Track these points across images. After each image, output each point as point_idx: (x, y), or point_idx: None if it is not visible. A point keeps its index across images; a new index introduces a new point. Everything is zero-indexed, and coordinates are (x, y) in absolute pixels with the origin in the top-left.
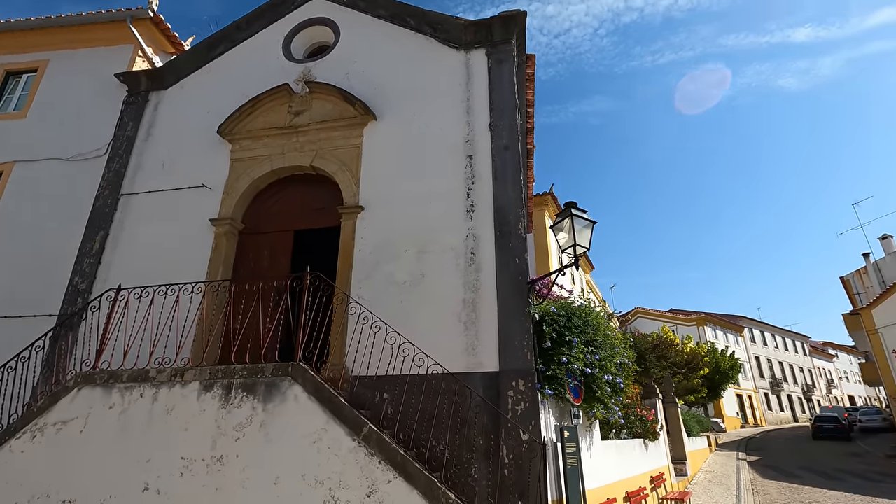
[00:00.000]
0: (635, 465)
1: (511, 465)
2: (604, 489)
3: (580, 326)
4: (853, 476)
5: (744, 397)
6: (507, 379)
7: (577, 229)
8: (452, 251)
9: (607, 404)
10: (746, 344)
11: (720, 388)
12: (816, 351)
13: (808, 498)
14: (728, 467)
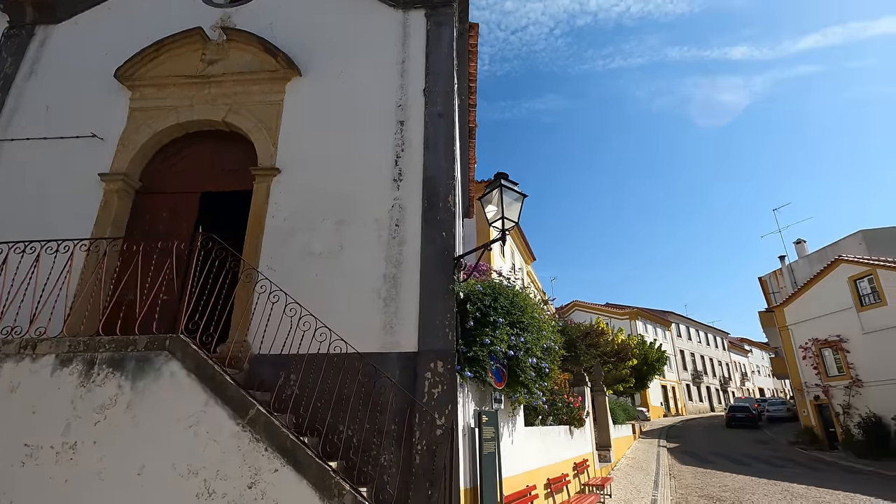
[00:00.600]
0: (559, 452)
1: (423, 451)
2: (524, 476)
3: (506, 307)
4: (759, 461)
5: (668, 388)
6: (425, 360)
7: (507, 202)
8: (376, 222)
9: (531, 389)
10: (673, 338)
11: (647, 378)
12: (734, 346)
13: (719, 482)
14: (649, 454)
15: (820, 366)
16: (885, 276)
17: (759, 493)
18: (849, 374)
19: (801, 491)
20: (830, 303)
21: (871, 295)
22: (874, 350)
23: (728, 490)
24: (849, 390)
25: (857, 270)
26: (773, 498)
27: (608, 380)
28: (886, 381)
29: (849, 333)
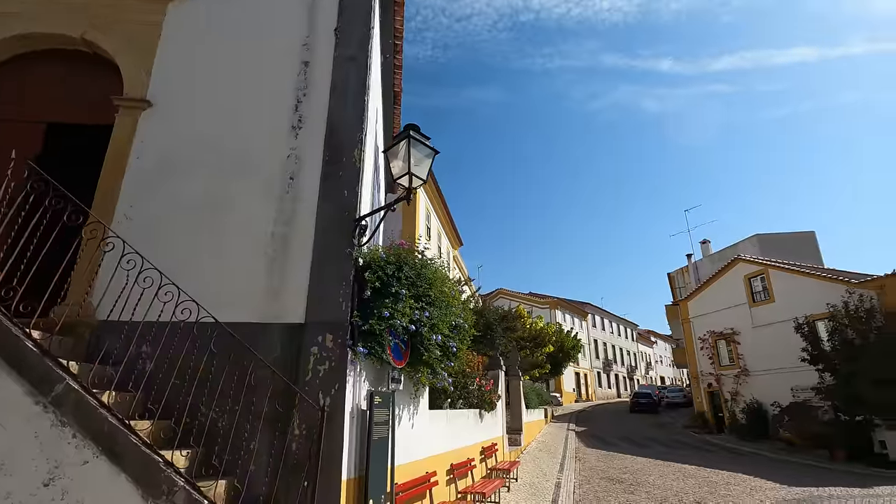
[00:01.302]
0: (467, 436)
1: (302, 437)
2: (426, 462)
3: (411, 278)
4: (658, 444)
5: (581, 375)
6: (313, 332)
7: (416, 157)
8: (266, 173)
9: (436, 369)
10: (589, 328)
11: (562, 365)
12: (642, 337)
13: (620, 464)
14: (559, 437)
15: (714, 356)
16: (775, 275)
17: (656, 474)
18: (738, 364)
19: (692, 471)
20: (727, 298)
21: (762, 292)
22: (761, 342)
23: (628, 471)
24: (737, 379)
25: (752, 269)
26: (668, 478)
27: (525, 365)
28: (769, 370)
29: (741, 327)
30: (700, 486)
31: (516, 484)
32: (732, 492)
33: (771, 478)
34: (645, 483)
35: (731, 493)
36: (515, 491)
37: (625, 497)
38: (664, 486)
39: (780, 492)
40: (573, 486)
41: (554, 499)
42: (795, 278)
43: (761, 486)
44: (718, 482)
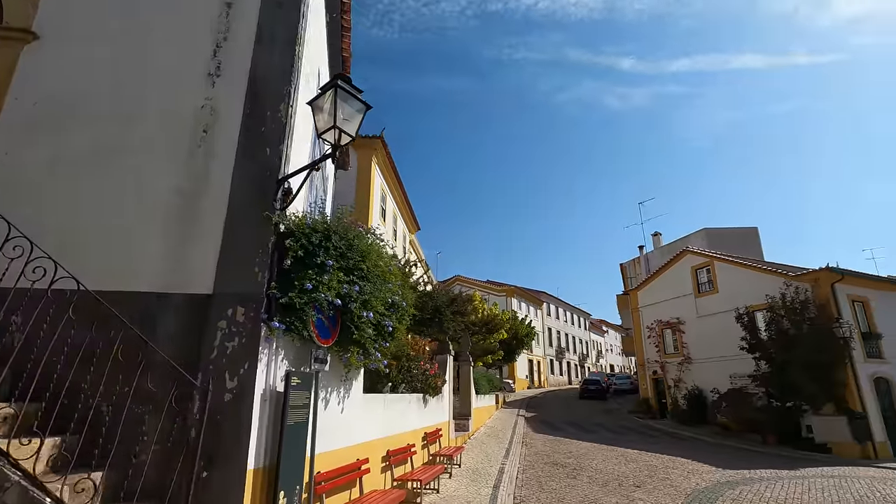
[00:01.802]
0: (408, 421)
1: (203, 421)
2: (358, 448)
3: (340, 248)
4: (603, 429)
5: (534, 362)
6: (222, 304)
7: (343, 110)
8: (175, 124)
9: (368, 349)
10: (543, 316)
11: (516, 352)
12: (594, 326)
13: (566, 449)
14: (508, 423)
15: (660, 344)
16: (720, 267)
17: (599, 458)
18: (682, 353)
19: (634, 455)
20: (675, 289)
21: (707, 283)
22: (704, 332)
23: (572, 456)
24: (681, 366)
25: (699, 261)
26: (610, 462)
27: (477, 351)
28: (710, 359)
29: (686, 316)
30: (641, 470)
31: (459, 470)
32: (671, 475)
33: (708, 461)
34: (588, 467)
35: (669, 477)
36: (458, 477)
37: (567, 481)
38: (606, 471)
39: (716, 475)
40: (517, 470)
41: (496, 484)
42: (738, 270)
43: (698, 470)
44: (658, 466)
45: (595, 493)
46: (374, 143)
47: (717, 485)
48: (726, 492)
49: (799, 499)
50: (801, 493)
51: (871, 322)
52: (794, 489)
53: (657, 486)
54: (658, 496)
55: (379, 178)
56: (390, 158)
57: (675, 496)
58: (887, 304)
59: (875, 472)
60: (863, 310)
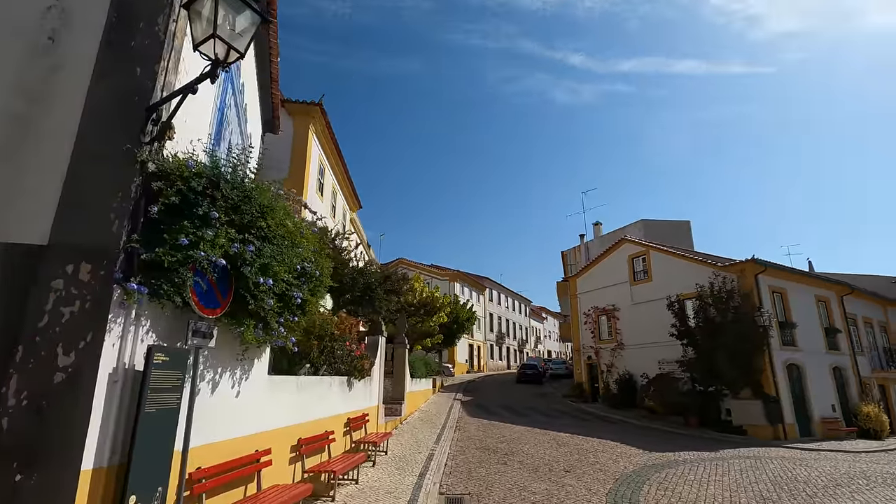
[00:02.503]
0: (329, 407)
1: (22, 408)
2: (260, 437)
3: (233, 199)
4: (537, 413)
5: (475, 347)
6: (58, 258)
7: (229, 16)
8: (9, 28)
9: (270, 323)
10: (486, 302)
11: (456, 336)
12: (534, 313)
13: (499, 433)
14: (444, 407)
15: (596, 330)
16: (655, 256)
17: (532, 443)
18: (616, 339)
19: (566, 439)
20: (612, 276)
21: (642, 272)
22: (637, 319)
23: (505, 441)
24: (614, 352)
25: (636, 250)
26: (542, 446)
27: (415, 334)
28: (642, 345)
29: (621, 303)
30: (571, 454)
31: (385, 457)
32: (600, 459)
33: (635, 444)
34: (519, 452)
35: (599, 461)
36: (382, 465)
37: (497, 468)
38: (537, 455)
39: (643, 457)
40: (446, 457)
41: (422, 472)
42: (672, 260)
43: (627, 453)
44: (588, 449)
45: (525, 480)
46: (313, 111)
47: (644, 468)
48: (652, 475)
49: (720, 480)
50: (721, 475)
51: (788, 312)
52: (716, 471)
53: (587, 470)
54: (587, 481)
55: (317, 150)
56: (330, 129)
57: (603, 481)
58: (801, 296)
59: (785, 452)
60: (781, 300)
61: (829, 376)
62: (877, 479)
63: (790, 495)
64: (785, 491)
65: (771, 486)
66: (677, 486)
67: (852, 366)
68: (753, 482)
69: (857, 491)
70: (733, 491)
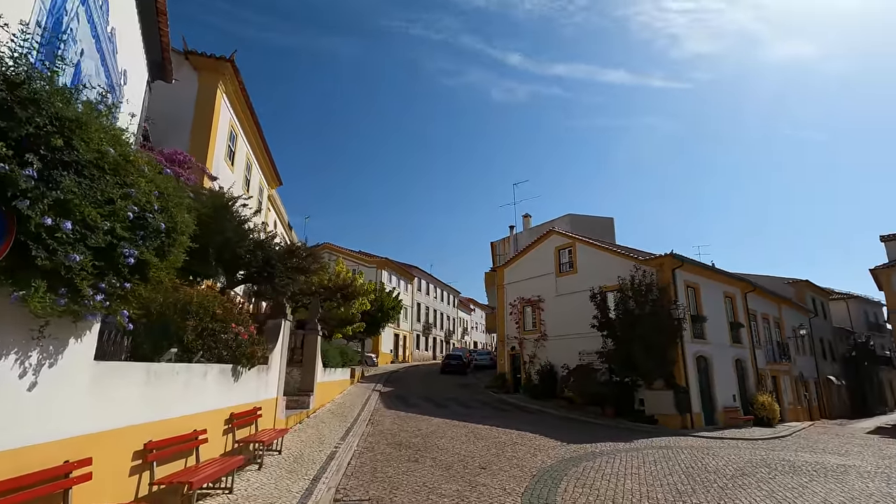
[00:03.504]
0: (199, 401)
1: None
2: (70, 444)
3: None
4: (458, 404)
5: (400, 336)
6: None
7: None
8: None
9: (79, 287)
10: (414, 291)
11: (381, 325)
12: (462, 304)
13: (415, 426)
14: (360, 399)
15: (521, 321)
16: (581, 248)
17: (448, 436)
18: (540, 329)
19: (484, 432)
20: (539, 268)
21: (568, 263)
22: (561, 310)
23: (420, 434)
24: (537, 343)
25: (563, 242)
26: (459, 440)
27: (333, 320)
28: (564, 336)
29: (546, 294)
30: (489, 449)
31: (277, 458)
32: (518, 452)
33: (553, 435)
34: (434, 447)
35: (516, 455)
36: (272, 467)
37: (407, 466)
38: (453, 451)
39: (561, 450)
40: (352, 455)
41: (317, 475)
42: (597, 252)
43: (545, 445)
44: (507, 442)
45: (435, 480)
46: (223, 67)
47: (561, 461)
48: (570, 469)
49: (636, 473)
50: (637, 467)
51: (700, 306)
52: (631, 462)
53: (503, 466)
54: (503, 479)
55: (228, 112)
56: (244, 92)
57: (520, 478)
58: (711, 291)
59: (693, 441)
60: (694, 295)
61: (732, 368)
62: (776, 466)
63: (703, 487)
64: (698, 483)
65: (685, 478)
66: (595, 481)
67: (751, 358)
68: (668, 474)
69: (762, 480)
70: (649, 485)
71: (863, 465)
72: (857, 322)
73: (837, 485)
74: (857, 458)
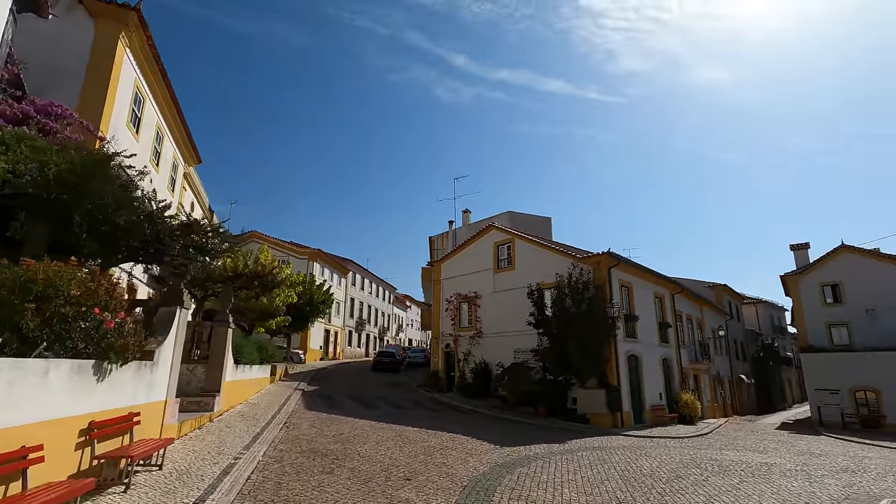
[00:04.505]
0: (35, 408)
1: None
2: None
3: None
4: (387, 404)
5: (332, 332)
6: None
7: None
8: None
9: None
10: (348, 285)
11: (310, 319)
12: (398, 300)
13: (337, 429)
14: (278, 399)
15: (456, 318)
16: (520, 245)
17: (373, 441)
18: (475, 326)
19: (412, 435)
20: (477, 263)
21: (506, 259)
22: (498, 307)
23: (341, 440)
24: (472, 340)
25: (502, 238)
26: (384, 445)
27: (255, 313)
28: (500, 333)
29: (483, 291)
30: (417, 455)
31: (156, 475)
32: (448, 459)
33: (486, 438)
34: (355, 455)
35: (446, 461)
36: (144, 488)
37: (320, 478)
38: (376, 458)
39: (494, 454)
40: (253, 467)
41: (203, 496)
42: (536, 249)
43: (477, 449)
44: (436, 447)
45: (352, 495)
46: (126, 17)
47: (495, 468)
48: (504, 478)
49: (573, 480)
50: (573, 472)
51: (633, 306)
52: (567, 467)
53: (431, 476)
54: (430, 492)
55: (132, 71)
56: (154, 50)
57: (449, 490)
58: (644, 291)
59: (624, 440)
60: (627, 294)
61: (660, 367)
62: (706, 467)
63: (642, 494)
64: (636, 489)
65: (622, 484)
66: (531, 491)
67: (677, 357)
68: (605, 479)
69: (697, 483)
70: (588, 494)
71: (783, 463)
72: (764, 325)
73: (767, 485)
74: (776, 456)
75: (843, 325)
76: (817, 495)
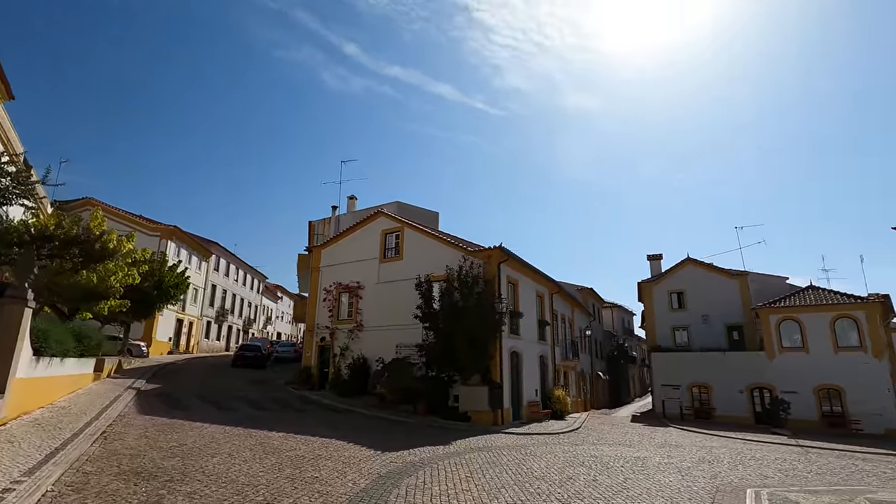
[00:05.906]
0: None
1: None
2: None
3: None
4: (248, 405)
5: (185, 322)
6: None
7: None
8: None
9: None
10: (209, 270)
11: (156, 305)
12: (268, 291)
13: (176, 440)
14: (100, 401)
15: (335, 309)
16: (409, 234)
17: (225, 453)
18: (356, 319)
19: (277, 442)
20: (361, 251)
21: (394, 249)
22: (381, 299)
23: (179, 453)
24: (351, 333)
25: (391, 226)
26: (239, 458)
27: (77, 292)
28: (384, 327)
29: (367, 281)
30: (282, 469)
31: None
32: (322, 472)
33: (365, 442)
34: (198, 473)
35: (320, 475)
36: None
37: None
38: (227, 477)
39: (375, 462)
40: (37, 498)
41: None
42: (425, 240)
43: (356, 457)
44: (307, 456)
45: None
46: None
47: (378, 480)
48: (391, 493)
49: (467, 490)
50: (466, 480)
51: (517, 302)
52: (458, 473)
53: (300, 497)
54: None
55: None
56: None
57: None
58: (527, 289)
59: (507, 439)
60: (513, 291)
61: (537, 364)
62: (590, 465)
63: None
64: (536, 497)
65: (519, 492)
66: None
67: (552, 355)
68: (500, 487)
69: (589, 484)
70: None
71: (653, 457)
72: (618, 327)
73: (649, 482)
74: (642, 449)
75: (685, 328)
76: (693, 489)
